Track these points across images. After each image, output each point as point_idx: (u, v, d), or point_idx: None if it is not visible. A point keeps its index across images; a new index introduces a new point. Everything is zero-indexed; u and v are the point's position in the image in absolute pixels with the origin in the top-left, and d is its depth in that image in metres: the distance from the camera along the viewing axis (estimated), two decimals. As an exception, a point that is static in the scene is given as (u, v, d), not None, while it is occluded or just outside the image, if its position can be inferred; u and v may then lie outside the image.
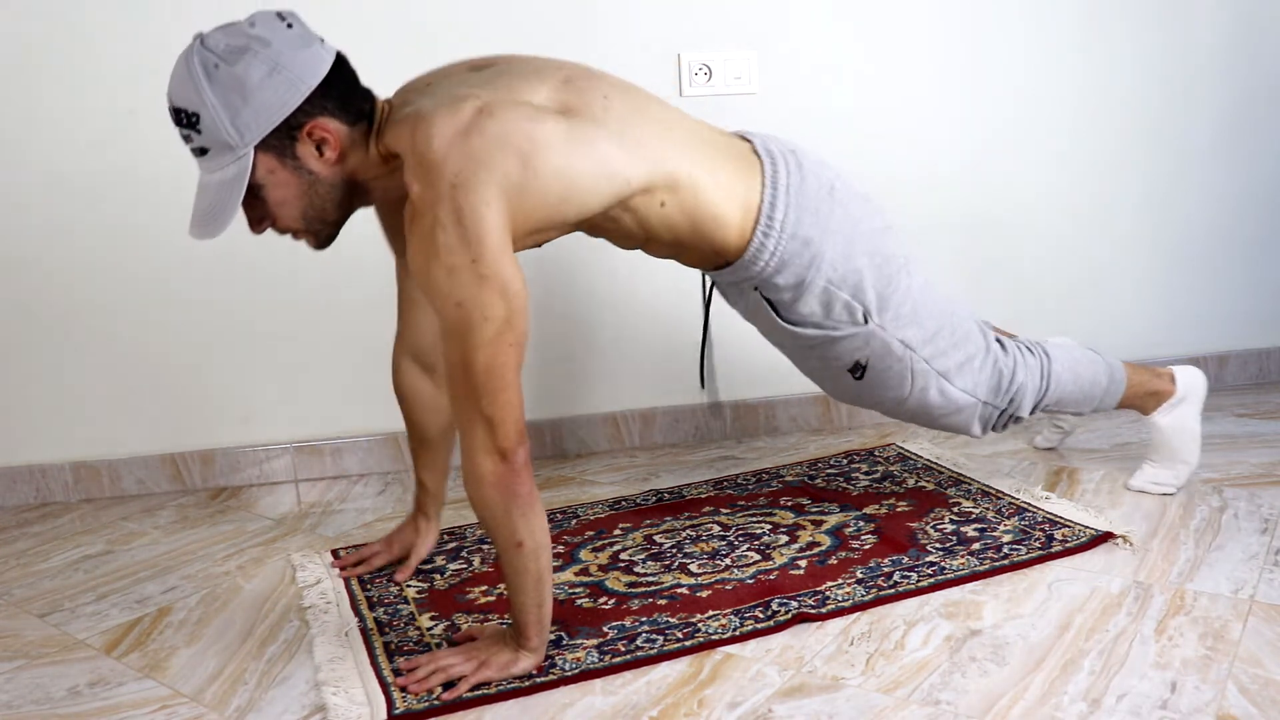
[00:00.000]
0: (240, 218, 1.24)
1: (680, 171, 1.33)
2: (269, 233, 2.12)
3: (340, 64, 1.23)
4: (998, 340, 1.61)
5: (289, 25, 1.19)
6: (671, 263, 2.12)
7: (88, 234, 2.02)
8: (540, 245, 1.34)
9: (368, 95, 1.27)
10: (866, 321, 1.46)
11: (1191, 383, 1.72)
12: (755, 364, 2.18)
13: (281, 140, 1.19)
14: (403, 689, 1.21)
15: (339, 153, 1.23)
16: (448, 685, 1.22)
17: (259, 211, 1.25)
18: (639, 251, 1.46)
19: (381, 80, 1.99)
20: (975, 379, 1.56)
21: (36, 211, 2.00)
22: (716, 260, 1.45)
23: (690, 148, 1.35)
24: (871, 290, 1.45)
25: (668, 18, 2.11)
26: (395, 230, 1.48)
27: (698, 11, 2.12)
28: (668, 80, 2.11)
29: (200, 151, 1.19)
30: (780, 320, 1.48)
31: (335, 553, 1.68)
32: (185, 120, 1.18)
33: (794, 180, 1.41)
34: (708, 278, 1.64)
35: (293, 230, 1.29)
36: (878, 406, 1.60)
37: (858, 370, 1.51)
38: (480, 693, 1.21)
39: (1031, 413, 1.63)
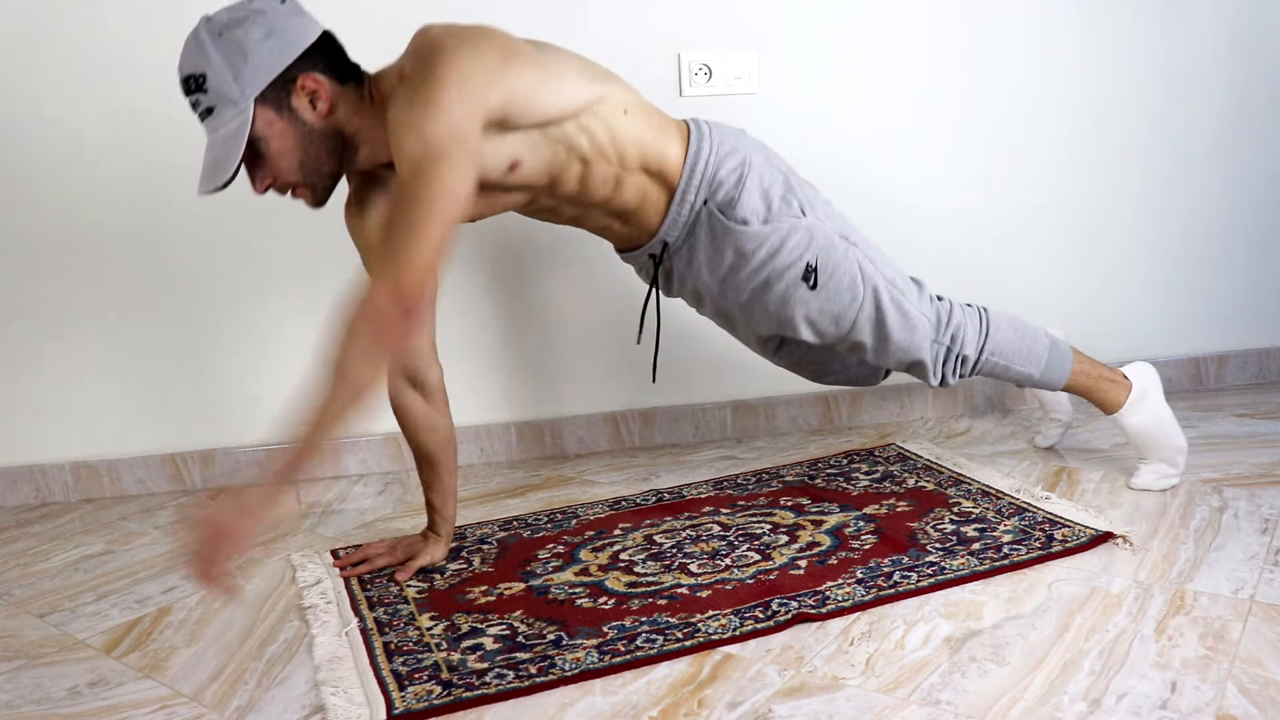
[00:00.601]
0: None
1: (631, 95, 1.51)
2: (268, 234, 2.12)
3: (329, 35, 1.39)
4: (933, 293, 1.69)
5: (283, 1, 1.34)
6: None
7: (88, 234, 2.02)
8: (515, 186, 1.45)
9: (355, 65, 1.42)
10: (804, 214, 1.57)
11: (1145, 375, 1.77)
12: (755, 364, 2.18)
13: (278, 93, 1.33)
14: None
15: (330, 104, 1.36)
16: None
17: (261, 170, 1.38)
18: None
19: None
20: (916, 298, 1.64)
21: (36, 211, 2.00)
22: (672, 181, 1.54)
23: (633, 89, 1.54)
24: (799, 190, 1.58)
25: (668, 18, 2.11)
26: (363, 201, 1.55)
27: (698, 11, 2.12)
28: (668, 80, 2.11)
29: (207, 112, 1.32)
30: (730, 224, 1.54)
31: (335, 553, 1.68)
32: (194, 84, 1.32)
33: (716, 131, 1.58)
34: (652, 286, 1.70)
35: (292, 185, 1.41)
36: (843, 331, 1.62)
37: (809, 276, 1.57)
38: (471, 695, 1.21)
39: (977, 358, 1.69)
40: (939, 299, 1.69)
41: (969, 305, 1.71)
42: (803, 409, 2.28)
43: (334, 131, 1.39)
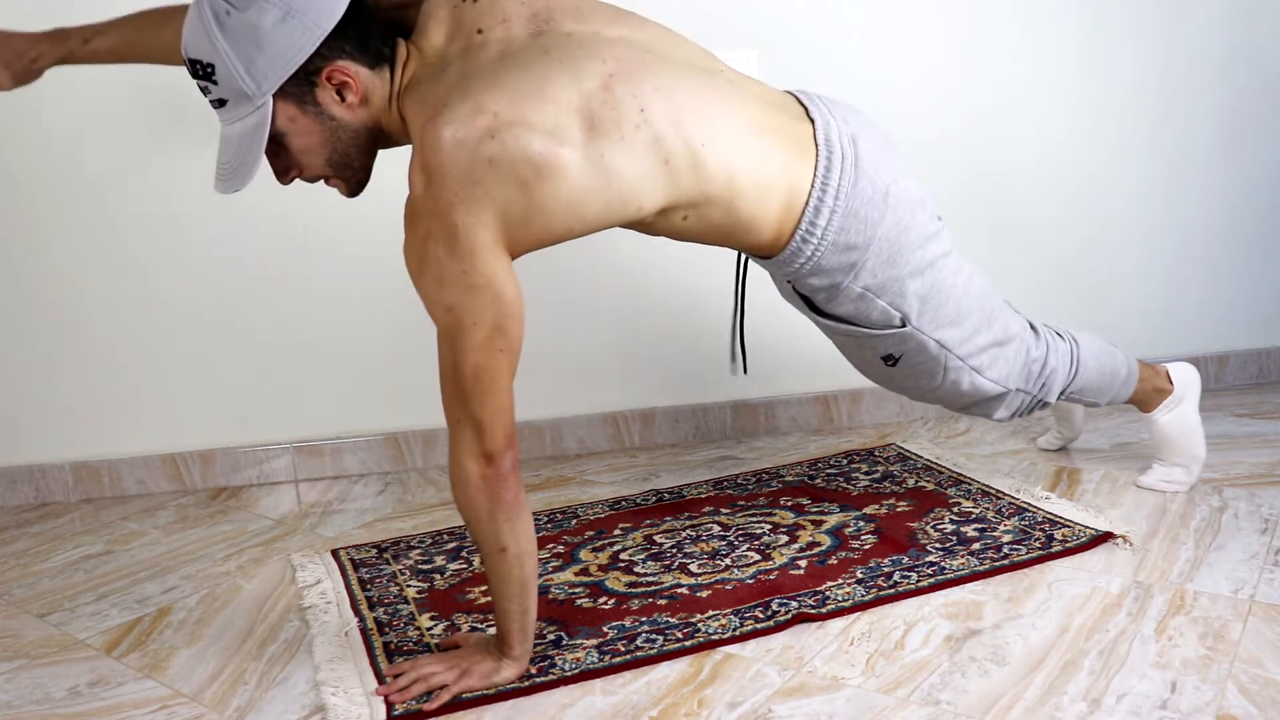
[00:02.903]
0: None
1: (715, 185, 1.26)
2: (268, 232, 2.12)
3: (357, 4, 1.17)
4: (1030, 326, 1.59)
5: None
6: (671, 264, 2.13)
7: (88, 233, 2.02)
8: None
9: (388, 39, 1.21)
10: (904, 325, 1.43)
11: (1188, 379, 1.74)
12: (755, 364, 2.18)
13: (300, 87, 1.15)
14: (384, 698, 1.20)
15: (361, 97, 1.19)
16: (430, 695, 1.21)
17: (284, 161, 1.23)
18: (638, 252, 1.45)
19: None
20: (1008, 369, 1.53)
21: (36, 211, 2.00)
22: (749, 250, 1.40)
23: (735, 147, 1.26)
24: (913, 297, 1.40)
25: (668, 18, 2.10)
26: None
27: (698, 11, 2.11)
28: (668, 80, 2.11)
29: (219, 103, 1.16)
30: (814, 314, 1.48)
31: (335, 553, 1.68)
32: (201, 71, 1.14)
33: (846, 181, 1.32)
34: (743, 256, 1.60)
35: (321, 177, 1.26)
36: (906, 392, 1.59)
37: (890, 360, 1.50)
38: (471, 695, 1.21)
39: (1057, 399, 1.63)
40: (1036, 336, 1.58)
41: (1061, 338, 1.62)
42: (803, 409, 2.28)
43: (366, 125, 1.21)
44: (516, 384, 2.26)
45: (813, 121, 1.36)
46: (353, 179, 1.27)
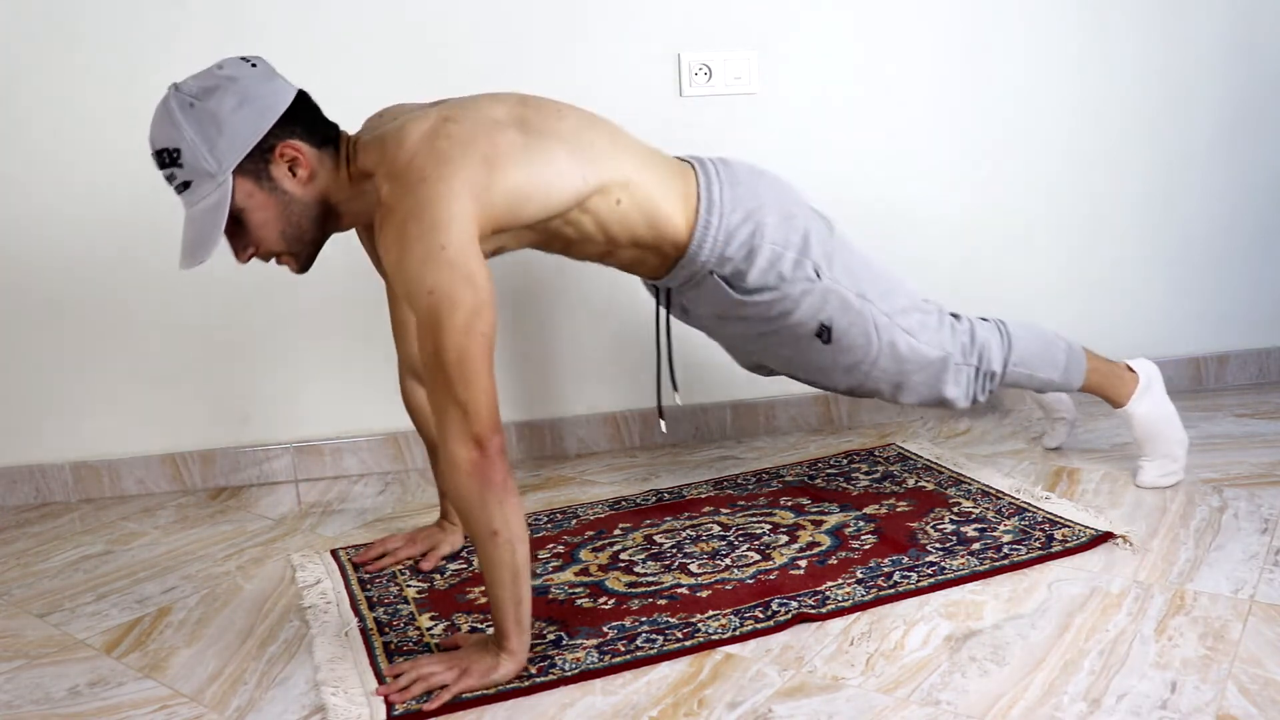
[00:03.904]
0: (224, 249, 1.32)
1: (630, 172, 1.43)
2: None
3: (303, 97, 1.33)
4: (950, 313, 1.67)
5: (254, 65, 1.29)
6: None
7: (88, 234, 2.02)
8: (499, 253, 1.40)
9: (332, 125, 1.36)
10: (819, 277, 1.53)
11: (1147, 369, 1.79)
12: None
13: (256, 164, 1.28)
14: (384, 698, 1.21)
15: (310, 171, 1.32)
16: (430, 695, 1.21)
17: (242, 239, 1.33)
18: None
19: (381, 80, 1.99)
20: (938, 336, 1.62)
21: (36, 212, 2.00)
22: (672, 253, 1.50)
23: (635, 154, 1.46)
24: (817, 248, 1.53)
25: (668, 18, 2.11)
26: (377, 252, 1.52)
27: (698, 11, 2.12)
28: (668, 80, 2.11)
29: (184, 186, 1.27)
30: (737, 295, 1.52)
31: (335, 553, 1.68)
32: (168, 159, 1.26)
33: (722, 170, 1.53)
34: (660, 308, 1.69)
35: (275, 254, 1.36)
36: (855, 385, 1.62)
37: (824, 333, 1.56)
38: (471, 695, 1.21)
39: (1004, 371, 1.67)
40: (956, 319, 1.67)
41: (985, 320, 1.70)
42: (803, 409, 2.28)
43: (316, 199, 1.34)
44: (517, 383, 2.27)
45: (678, 158, 1.56)
46: (303, 254, 1.38)
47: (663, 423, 1.80)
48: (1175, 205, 2.37)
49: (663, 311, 1.69)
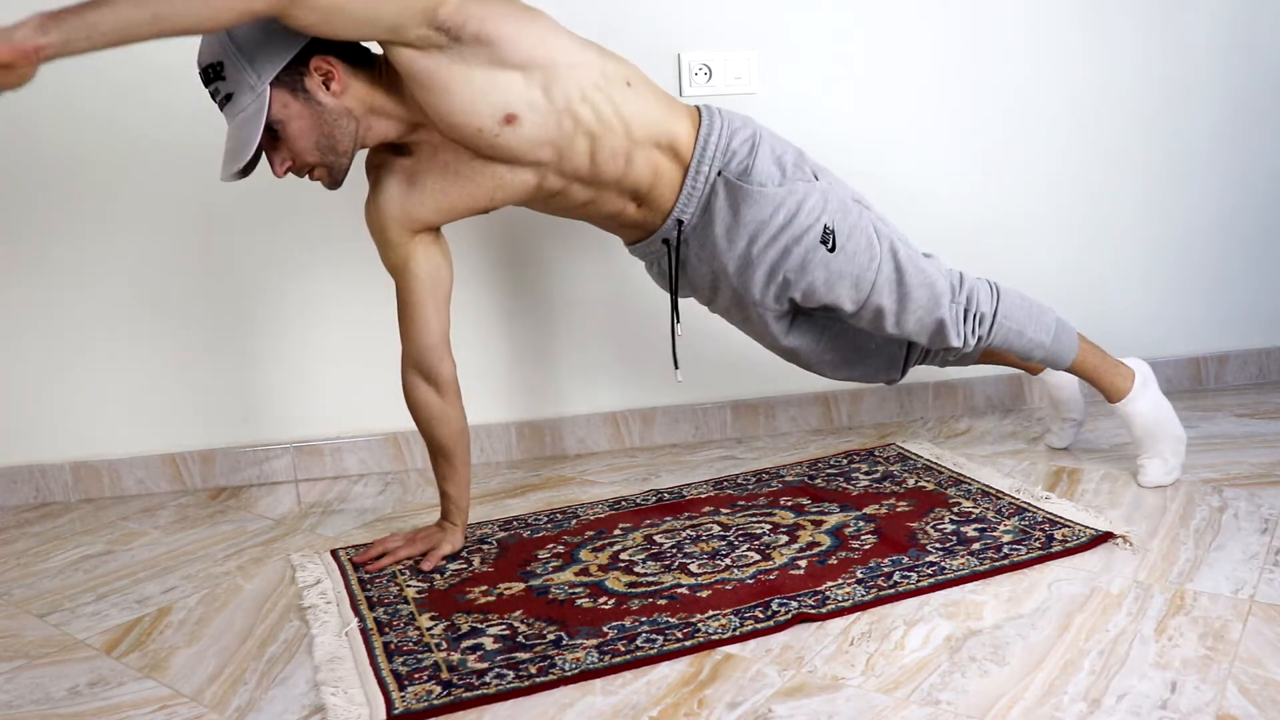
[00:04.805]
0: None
1: (632, 70, 1.54)
2: (268, 236, 2.12)
3: None
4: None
5: None
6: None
7: (88, 233, 2.02)
8: (510, 130, 1.45)
9: (368, 50, 1.47)
10: (817, 178, 1.61)
11: (1143, 368, 1.80)
12: (755, 364, 2.18)
13: (292, 76, 1.39)
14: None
15: (343, 84, 1.42)
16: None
17: (280, 152, 1.44)
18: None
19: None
20: (928, 263, 1.66)
21: (36, 212, 2.00)
22: (680, 159, 1.57)
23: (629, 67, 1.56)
24: (809, 160, 1.63)
25: (668, 18, 2.11)
26: (379, 190, 1.56)
27: (698, 11, 2.12)
28: (668, 80, 2.11)
29: (226, 99, 1.39)
30: (747, 187, 1.56)
31: (335, 553, 1.68)
32: (212, 73, 1.39)
33: (717, 111, 1.61)
34: (672, 257, 1.69)
35: (310, 165, 1.46)
36: (864, 295, 1.63)
37: (827, 238, 1.59)
38: (471, 695, 1.21)
39: (993, 322, 1.69)
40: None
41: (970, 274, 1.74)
42: (803, 409, 2.28)
43: (348, 110, 1.44)
44: (517, 383, 2.27)
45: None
46: (336, 165, 1.48)
47: (678, 372, 1.77)
48: (1175, 205, 2.37)
49: (673, 258, 1.70)
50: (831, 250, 1.59)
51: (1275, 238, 2.42)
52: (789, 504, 1.78)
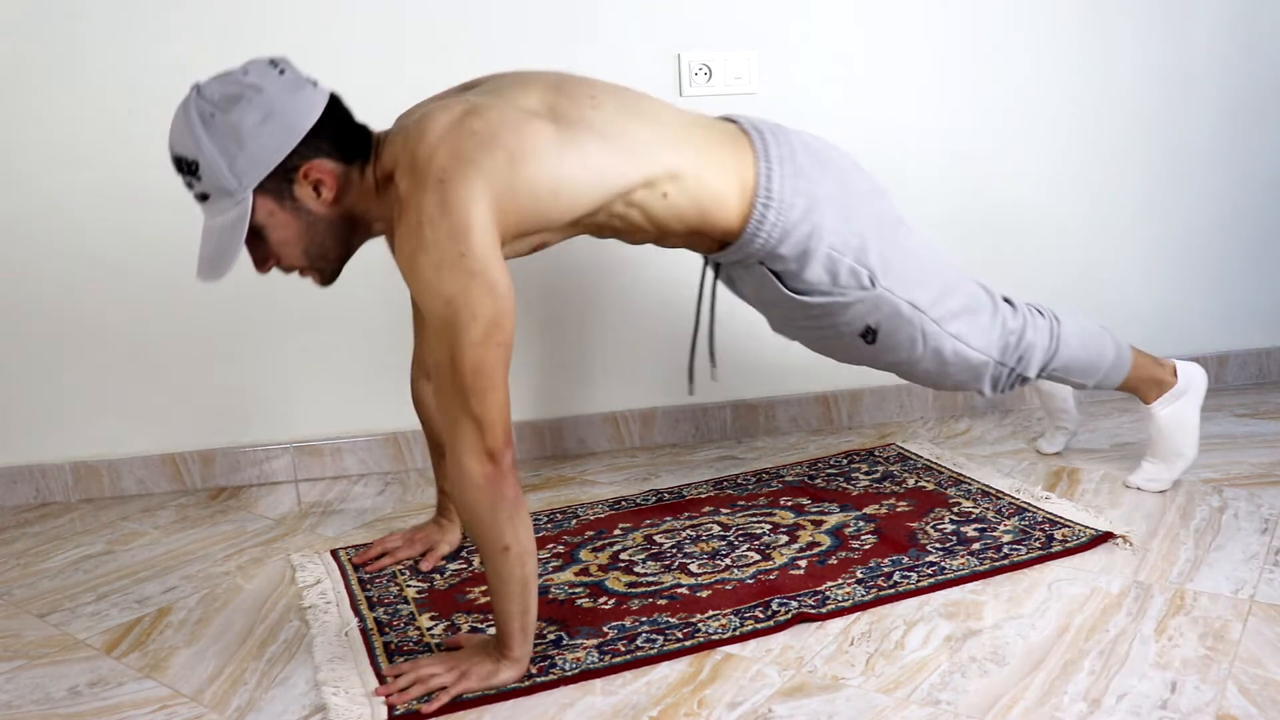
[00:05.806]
0: (245, 260, 1.27)
1: (677, 163, 1.36)
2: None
3: (334, 105, 1.26)
4: (1005, 300, 1.62)
5: (281, 71, 1.22)
6: (671, 263, 2.13)
7: (88, 234, 2.02)
8: (536, 250, 1.36)
9: (362, 132, 1.30)
10: (873, 285, 1.47)
11: (1193, 377, 1.74)
12: (755, 364, 2.18)
13: (279, 183, 1.22)
14: (384, 699, 1.20)
15: (336, 192, 1.26)
16: (430, 696, 1.21)
17: (262, 252, 1.29)
18: (637, 251, 1.46)
19: (380, 81, 1.99)
20: (986, 338, 1.57)
21: (36, 212, 2.00)
22: (724, 240, 1.46)
23: (683, 138, 1.39)
24: (875, 254, 1.46)
25: (668, 18, 2.11)
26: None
27: (698, 11, 2.11)
28: (668, 80, 2.11)
29: (202, 197, 1.23)
30: (787, 291, 1.48)
31: (335, 553, 1.68)
32: (186, 168, 1.21)
33: (784, 151, 1.44)
34: (709, 271, 1.64)
35: (297, 268, 1.32)
36: (891, 369, 1.60)
37: (869, 335, 1.52)
38: (471, 695, 1.21)
39: (1038, 375, 1.64)
40: (1012, 310, 1.61)
41: (1041, 314, 1.65)
42: (803, 409, 2.28)
43: (341, 217, 1.29)
44: (516, 383, 2.26)
45: (735, 122, 1.48)
46: (327, 269, 1.34)
47: (691, 384, 1.74)
48: (1175, 205, 2.37)
49: (709, 274, 1.64)
50: (870, 344, 1.53)
51: (1275, 238, 2.42)
52: (789, 504, 1.78)
